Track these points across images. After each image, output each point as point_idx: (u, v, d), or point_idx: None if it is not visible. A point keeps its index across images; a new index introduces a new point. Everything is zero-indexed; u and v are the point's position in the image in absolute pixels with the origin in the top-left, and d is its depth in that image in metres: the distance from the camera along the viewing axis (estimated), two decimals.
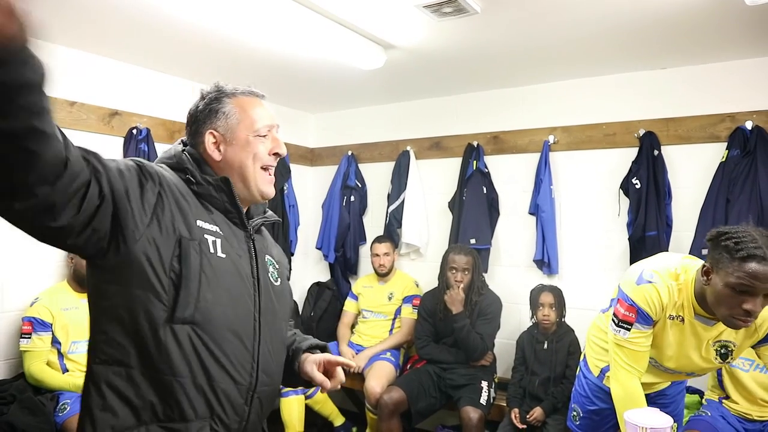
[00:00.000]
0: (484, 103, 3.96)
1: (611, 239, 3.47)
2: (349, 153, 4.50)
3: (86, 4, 2.50)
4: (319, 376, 1.37)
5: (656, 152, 3.25)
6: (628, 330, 1.86)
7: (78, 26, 2.78)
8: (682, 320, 1.86)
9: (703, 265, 1.74)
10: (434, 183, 4.16)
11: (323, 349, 1.48)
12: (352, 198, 4.40)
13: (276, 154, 1.36)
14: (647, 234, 3.19)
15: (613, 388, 1.93)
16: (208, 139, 1.30)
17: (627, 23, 2.66)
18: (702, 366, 1.94)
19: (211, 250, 1.18)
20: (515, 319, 3.66)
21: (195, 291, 1.13)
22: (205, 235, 1.19)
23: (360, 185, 4.46)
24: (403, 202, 4.14)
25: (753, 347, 1.89)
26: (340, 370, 1.42)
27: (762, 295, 1.62)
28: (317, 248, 4.48)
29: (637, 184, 3.26)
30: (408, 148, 4.23)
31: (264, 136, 1.34)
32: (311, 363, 1.40)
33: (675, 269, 1.84)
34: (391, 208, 4.19)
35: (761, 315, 1.77)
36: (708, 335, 1.86)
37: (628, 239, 3.30)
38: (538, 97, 3.75)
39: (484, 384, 3.24)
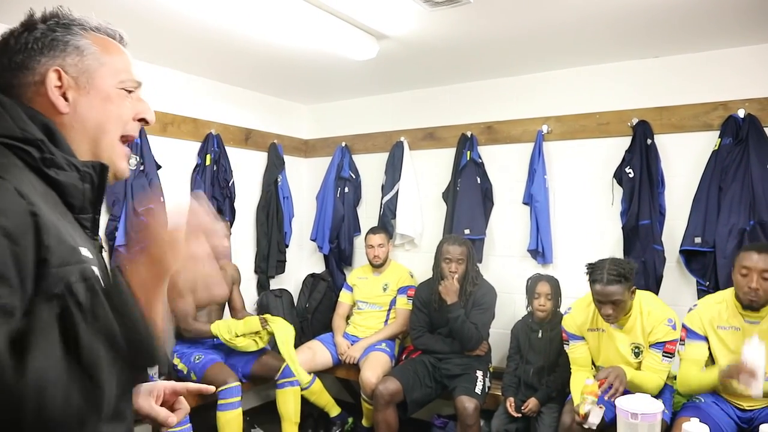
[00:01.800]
0: (478, 93, 3.95)
1: (605, 228, 3.48)
2: (343, 144, 4.49)
3: None
4: (163, 413, 1.05)
5: (649, 141, 3.26)
6: (568, 344, 2.87)
7: None
8: (603, 330, 2.72)
9: None
10: (428, 173, 4.16)
11: None
12: (347, 189, 4.40)
13: (143, 120, 0.99)
14: (641, 223, 3.20)
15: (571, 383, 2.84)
16: (51, 80, 0.87)
17: (619, 12, 2.66)
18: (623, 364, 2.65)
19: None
20: (510, 308, 3.67)
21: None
22: (92, 267, 0.80)
23: (354, 176, 4.46)
24: (397, 193, 4.14)
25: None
26: (182, 400, 1.11)
27: (609, 303, 2.54)
28: (312, 240, 4.48)
29: (630, 173, 3.27)
30: (402, 138, 4.22)
31: (130, 92, 0.96)
32: (145, 396, 1.06)
33: (589, 294, 2.68)
34: (386, 199, 4.18)
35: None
36: (622, 338, 2.67)
37: (622, 228, 3.31)
38: (531, 87, 3.74)
39: (479, 373, 3.26)
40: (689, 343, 2.59)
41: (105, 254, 0.99)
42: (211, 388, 1.25)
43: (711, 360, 2.60)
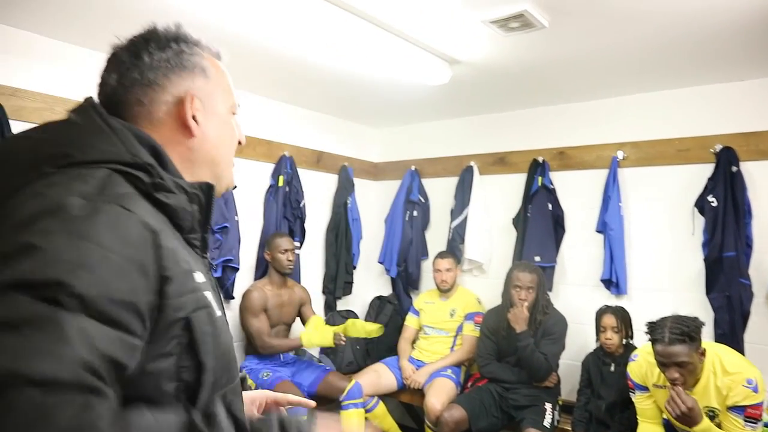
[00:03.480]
0: (550, 117, 3.89)
1: (685, 259, 3.32)
2: (413, 168, 4.51)
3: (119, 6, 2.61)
4: None
5: (734, 168, 3.10)
6: (633, 393, 2.64)
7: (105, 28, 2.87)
8: (666, 387, 2.40)
9: None
10: (498, 199, 4.11)
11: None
12: (415, 213, 4.41)
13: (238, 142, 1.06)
14: (725, 255, 3.03)
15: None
16: (188, 102, 0.88)
17: (702, 33, 2.57)
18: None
19: (216, 314, 0.81)
20: (581, 339, 3.54)
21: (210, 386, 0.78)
22: (204, 293, 0.79)
23: (423, 200, 4.46)
24: (466, 217, 4.11)
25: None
26: (283, 411, 1.12)
27: (673, 365, 2.23)
28: (379, 262, 4.50)
29: (713, 201, 3.12)
30: (472, 163, 4.20)
31: (234, 115, 1.02)
32: (248, 405, 1.08)
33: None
34: (454, 223, 4.16)
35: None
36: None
37: (704, 260, 3.15)
38: (605, 112, 3.65)
39: (548, 406, 3.15)
40: None
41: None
42: (311, 403, 1.27)
43: None
